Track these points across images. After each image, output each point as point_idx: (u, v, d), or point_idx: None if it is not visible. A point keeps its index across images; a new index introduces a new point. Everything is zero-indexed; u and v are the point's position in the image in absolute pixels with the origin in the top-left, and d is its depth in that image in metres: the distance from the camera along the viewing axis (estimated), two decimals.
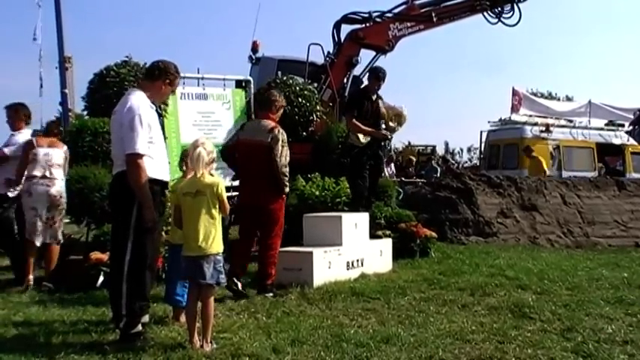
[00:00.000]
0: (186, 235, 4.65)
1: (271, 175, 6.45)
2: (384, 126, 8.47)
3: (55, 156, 7.15)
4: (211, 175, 4.72)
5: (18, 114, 7.61)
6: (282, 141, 6.48)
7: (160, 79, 4.96)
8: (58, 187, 7.10)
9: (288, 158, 6.51)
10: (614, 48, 70.81)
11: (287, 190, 6.62)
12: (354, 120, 8.25)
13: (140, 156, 4.58)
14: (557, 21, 70.40)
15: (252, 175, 6.58)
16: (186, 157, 4.78)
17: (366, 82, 9.60)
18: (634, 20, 68.64)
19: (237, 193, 7.23)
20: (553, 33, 71.11)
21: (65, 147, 7.39)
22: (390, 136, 8.78)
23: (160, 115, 7.91)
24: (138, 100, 4.74)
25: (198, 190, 4.59)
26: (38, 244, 7.02)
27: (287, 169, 6.51)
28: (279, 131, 6.52)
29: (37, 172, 7.03)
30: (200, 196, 4.58)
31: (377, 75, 8.80)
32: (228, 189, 5.74)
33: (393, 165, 18.14)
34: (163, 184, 4.91)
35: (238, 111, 9.24)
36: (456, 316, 5.46)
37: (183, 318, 5.22)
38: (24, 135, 7.53)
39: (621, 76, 66.01)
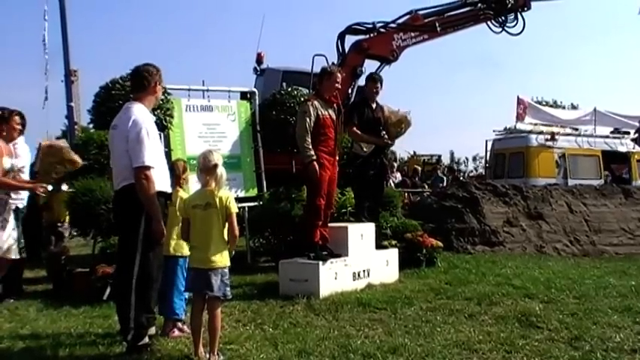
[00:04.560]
0: (195, 247, 4.65)
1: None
2: (384, 133, 8.40)
3: None
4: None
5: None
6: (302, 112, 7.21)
7: (151, 84, 4.89)
8: None
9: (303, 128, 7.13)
10: (620, 55, 70.87)
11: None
12: (354, 128, 8.24)
13: (149, 168, 4.59)
14: (562, 29, 70.61)
15: None
16: (199, 168, 4.72)
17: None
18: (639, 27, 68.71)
19: (244, 205, 7.15)
20: (558, 41, 71.29)
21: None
22: (390, 143, 8.67)
23: (165, 127, 7.99)
24: (141, 113, 4.74)
25: (209, 203, 4.58)
26: None
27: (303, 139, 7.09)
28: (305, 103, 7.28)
29: None
30: (211, 208, 4.57)
31: (372, 78, 8.77)
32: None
33: (399, 174, 18.12)
34: (166, 196, 4.92)
35: (243, 122, 9.25)
36: (462, 325, 5.44)
37: (176, 332, 5.25)
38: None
39: (626, 83, 66.04)
